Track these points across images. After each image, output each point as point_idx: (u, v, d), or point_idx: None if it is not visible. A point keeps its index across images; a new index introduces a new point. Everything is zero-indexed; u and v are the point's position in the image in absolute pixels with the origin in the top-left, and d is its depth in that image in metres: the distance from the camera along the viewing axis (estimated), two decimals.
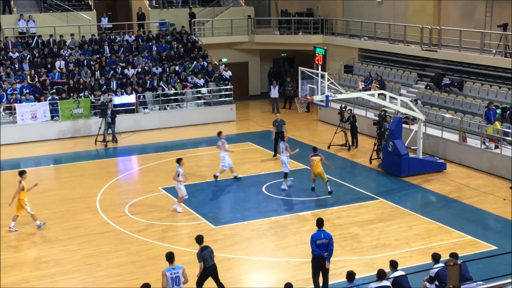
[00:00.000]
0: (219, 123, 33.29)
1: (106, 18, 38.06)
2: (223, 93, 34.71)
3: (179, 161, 20.74)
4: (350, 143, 28.19)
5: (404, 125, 25.42)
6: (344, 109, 28.36)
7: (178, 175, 20.45)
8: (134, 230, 19.45)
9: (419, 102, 28.82)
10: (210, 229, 19.52)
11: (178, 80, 34.01)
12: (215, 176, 23.86)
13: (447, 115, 26.79)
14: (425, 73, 31.64)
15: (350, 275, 13.38)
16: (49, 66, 33.07)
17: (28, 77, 32.13)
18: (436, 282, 13.80)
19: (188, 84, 34.00)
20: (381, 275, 13.32)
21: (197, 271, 14.65)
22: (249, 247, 18.25)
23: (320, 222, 15.18)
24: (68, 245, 18.53)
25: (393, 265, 13.84)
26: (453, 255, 13.96)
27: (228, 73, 35.15)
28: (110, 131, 29.56)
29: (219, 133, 23.97)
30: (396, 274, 13.60)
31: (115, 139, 29.59)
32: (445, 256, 14.51)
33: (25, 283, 16.27)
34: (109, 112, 29.24)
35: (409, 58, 32.39)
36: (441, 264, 13.81)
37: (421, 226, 19.47)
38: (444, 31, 30.32)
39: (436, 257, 13.98)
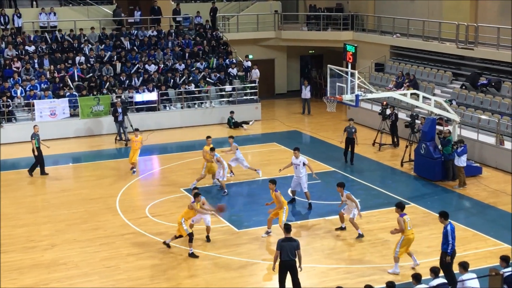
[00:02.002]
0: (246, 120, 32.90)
1: (139, 12, 37.60)
2: (248, 91, 34.20)
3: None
4: (383, 142, 27.98)
5: (438, 127, 24.90)
6: (386, 107, 28.15)
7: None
8: (155, 233, 19.27)
9: (454, 102, 28.40)
10: (233, 232, 19.33)
11: (201, 77, 33.65)
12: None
13: (483, 117, 26.37)
14: (460, 72, 31.18)
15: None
16: (70, 61, 32.83)
17: (47, 72, 31.86)
18: None
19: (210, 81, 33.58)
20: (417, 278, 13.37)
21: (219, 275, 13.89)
22: (273, 252, 17.56)
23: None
24: (87, 247, 18.37)
25: (435, 272, 13.64)
26: (504, 259, 13.67)
27: (256, 73, 34.41)
28: (130, 129, 29.22)
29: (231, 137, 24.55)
30: (436, 281, 13.36)
31: (126, 138, 29.09)
32: (481, 265, 14.89)
33: (43, 285, 16.20)
34: (119, 110, 28.85)
35: (444, 56, 31.94)
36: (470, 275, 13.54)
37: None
38: (481, 28, 29.79)
39: (465, 266, 13.66)
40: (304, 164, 20.92)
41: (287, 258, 14.81)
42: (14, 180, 24.54)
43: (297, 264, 14.93)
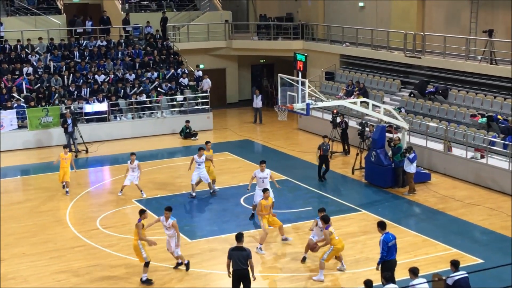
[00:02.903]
0: (195, 131, 32.52)
1: (91, 22, 37.24)
2: (200, 100, 34.00)
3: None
4: (334, 150, 27.99)
5: (387, 134, 25.15)
6: (336, 115, 28.17)
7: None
8: (106, 245, 19.02)
9: (402, 110, 28.65)
10: (186, 243, 19.06)
11: (152, 87, 33.37)
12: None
13: (431, 124, 26.59)
14: (408, 80, 31.45)
15: None
16: (17, 72, 32.19)
17: None
18: None
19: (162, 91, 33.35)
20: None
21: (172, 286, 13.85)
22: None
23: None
24: (37, 261, 18.10)
25: (386, 278, 13.73)
26: (454, 263, 13.80)
27: (207, 82, 34.32)
28: (80, 140, 29.00)
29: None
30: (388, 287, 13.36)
31: (76, 149, 28.81)
32: (430, 270, 14.83)
33: None
34: (69, 121, 28.43)
35: (392, 64, 32.25)
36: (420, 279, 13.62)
37: (405, 239, 19.13)
38: (428, 37, 30.19)
39: (415, 271, 13.75)
40: (269, 175, 20.47)
41: (238, 267, 14.77)
42: None
43: (250, 274, 14.90)
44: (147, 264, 16.46)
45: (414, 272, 13.60)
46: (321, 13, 38.29)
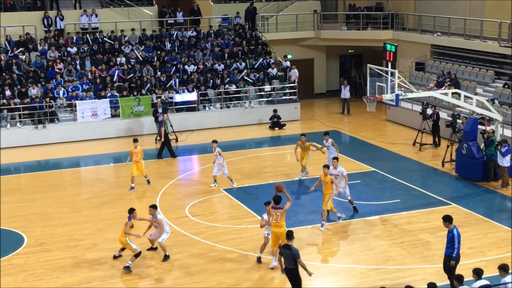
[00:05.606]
0: (283, 122, 32.64)
1: (182, 12, 37.85)
2: (287, 91, 34.03)
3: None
4: (423, 142, 27.54)
5: (479, 126, 24.49)
6: (426, 107, 27.67)
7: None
8: (195, 232, 19.26)
9: (496, 101, 27.84)
10: None
11: (240, 78, 33.65)
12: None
13: None
14: (503, 71, 30.50)
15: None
16: (111, 63, 33.05)
17: (89, 73, 32.20)
18: None
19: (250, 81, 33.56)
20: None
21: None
22: (313, 252, 17.95)
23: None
24: None
25: (478, 273, 13.40)
26: None
27: (295, 73, 34.26)
28: (170, 129, 29.34)
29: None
30: (479, 283, 13.15)
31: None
32: None
33: (85, 284, 16.36)
34: (160, 110, 28.67)
35: (486, 55, 31.34)
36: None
37: (497, 234, 18.75)
38: None
39: (505, 268, 13.39)
40: (342, 174, 20.15)
41: (287, 265, 14.67)
42: (56, 180, 24.85)
43: (306, 272, 14.58)
44: (138, 255, 16.97)
45: (504, 269, 13.29)
46: (412, 2, 37.59)
